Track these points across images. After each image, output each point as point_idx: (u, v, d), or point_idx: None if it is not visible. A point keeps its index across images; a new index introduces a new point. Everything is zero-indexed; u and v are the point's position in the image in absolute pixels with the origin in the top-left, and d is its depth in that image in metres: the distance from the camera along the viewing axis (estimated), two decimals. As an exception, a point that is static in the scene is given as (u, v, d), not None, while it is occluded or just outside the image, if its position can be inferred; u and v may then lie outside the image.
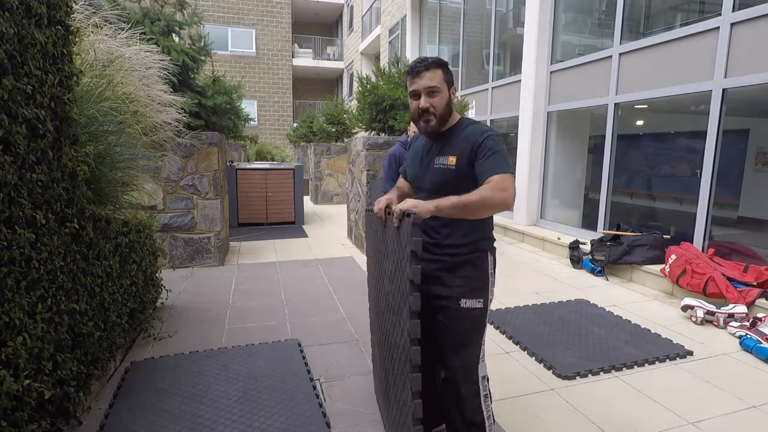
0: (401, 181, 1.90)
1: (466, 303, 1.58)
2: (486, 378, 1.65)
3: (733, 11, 3.88)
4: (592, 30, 6.13)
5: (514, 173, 1.52)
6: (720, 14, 3.99)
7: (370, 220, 1.90)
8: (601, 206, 5.36)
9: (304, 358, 2.72)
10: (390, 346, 1.65)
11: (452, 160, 1.56)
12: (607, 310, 3.58)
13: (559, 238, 5.56)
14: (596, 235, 5.10)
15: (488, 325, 1.68)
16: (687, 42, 4.32)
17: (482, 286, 1.61)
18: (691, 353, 2.84)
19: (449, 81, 1.61)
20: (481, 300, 1.59)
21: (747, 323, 3.12)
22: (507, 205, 1.45)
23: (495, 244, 1.70)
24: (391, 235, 1.56)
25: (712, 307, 3.32)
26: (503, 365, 2.69)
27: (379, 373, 2.01)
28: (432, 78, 1.56)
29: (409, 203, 1.43)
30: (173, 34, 4.83)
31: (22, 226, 1.56)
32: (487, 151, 1.51)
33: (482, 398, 1.61)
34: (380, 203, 1.67)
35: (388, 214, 1.57)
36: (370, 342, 2.30)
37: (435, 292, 1.62)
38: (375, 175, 5.30)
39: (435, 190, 1.58)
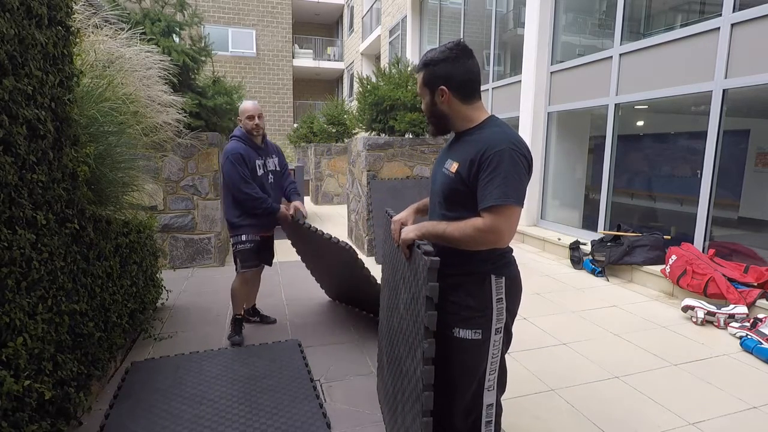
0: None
1: (459, 333, 1.40)
2: (493, 405, 1.49)
3: (733, 12, 3.88)
4: (592, 30, 6.13)
5: (521, 200, 1.29)
6: (720, 15, 3.99)
7: (388, 225, 1.82)
8: (601, 207, 5.36)
9: (304, 358, 2.72)
10: (401, 368, 1.62)
11: (455, 166, 1.38)
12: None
13: (559, 239, 5.56)
14: (597, 236, 5.10)
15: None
16: (687, 42, 4.32)
17: (481, 315, 1.40)
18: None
19: (431, 82, 1.42)
20: (479, 331, 1.39)
21: (747, 324, 3.12)
22: (498, 246, 1.33)
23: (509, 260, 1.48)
24: (405, 260, 1.52)
25: (712, 308, 3.32)
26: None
27: (386, 381, 1.99)
28: (417, 82, 1.50)
29: (404, 231, 1.44)
30: (173, 35, 4.82)
31: (23, 226, 1.56)
32: (490, 171, 1.28)
33: (483, 425, 1.48)
34: (396, 224, 1.56)
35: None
36: (377, 342, 2.29)
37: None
38: (375, 176, 5.30)
39: (442, 196, 1.46)
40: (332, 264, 3.18)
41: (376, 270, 2.80)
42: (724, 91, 3.94)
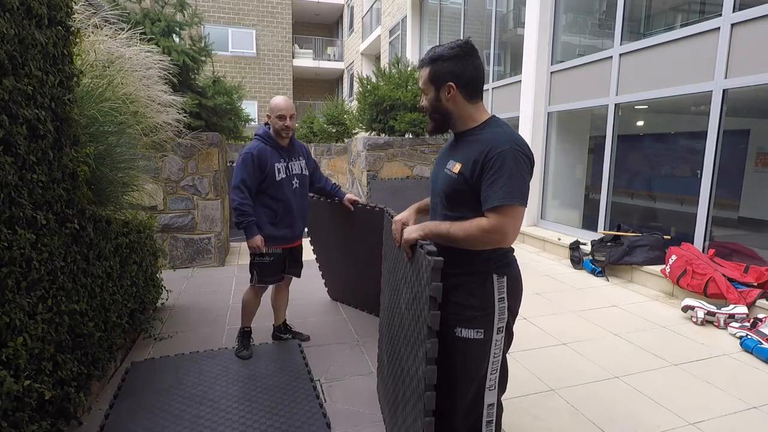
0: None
1: (461, 332, 1.39)
2: (494, 405, 1.48)
3: (733, 12, 3.88)
4: (592, 30, 6.13)
5: (525, 199, 1.31)
6: (720, 15, 3.99)
7: (389, 225, 1.81)
8: (601, 207, 5.36)
9: (304, 358, 2.72)
10: (402, 368, 1.62)
11: (457, 167, 1.38)
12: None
13: (559, 239, 5.56)
14: (597, 236, 5.10)
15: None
16: (687, 42, 4.32)
17: (483, 315, 1.39)
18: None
19: (438, 78, 1.41)
20: (481, 330, 1.39)
21: (747, 324, 3.12)
22: (502, 245, 1.34)
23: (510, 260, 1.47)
24: (406, 260, 1.51)
25: (712, 308, 3.32)
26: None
27: (386, 381, 1.99)
28: (420, 78, 1.47)
29: (407, 231, 1.44)
30: (173, 35, 4.83)
31: (23, 226, 1.56)
32: (494, 171, 1.29)
33: (484, 424, 1.48)
34: (397, 224, 1.54)
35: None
36: (377, 342, 2.29)
37: None
38: (375, 176, 5.30)
39: (444, 196, 1.45)
40: (359, 243, 3.06)
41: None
42: (724, 91, 3.94)
